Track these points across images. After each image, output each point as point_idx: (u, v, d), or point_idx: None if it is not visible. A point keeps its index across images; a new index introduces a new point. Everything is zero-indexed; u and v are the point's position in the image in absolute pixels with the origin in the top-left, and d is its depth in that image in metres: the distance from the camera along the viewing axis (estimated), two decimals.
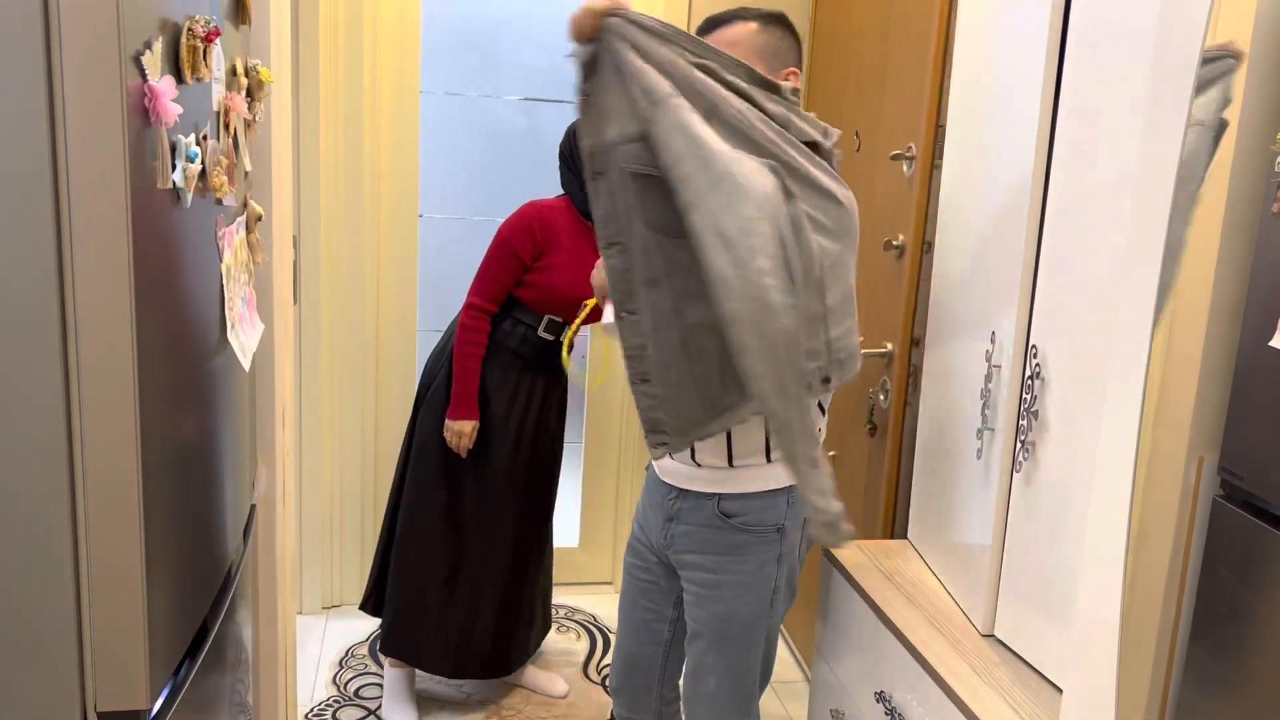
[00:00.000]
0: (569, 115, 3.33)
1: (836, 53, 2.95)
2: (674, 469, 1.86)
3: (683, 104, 1.54)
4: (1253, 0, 1.18)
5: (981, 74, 1.95)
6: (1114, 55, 1.53)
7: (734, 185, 1.49)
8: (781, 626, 3.29)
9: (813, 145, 1.63)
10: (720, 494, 1.80)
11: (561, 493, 3.58)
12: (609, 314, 1.75)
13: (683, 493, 1.85)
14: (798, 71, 1.78)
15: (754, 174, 1.52)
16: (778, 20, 1.79)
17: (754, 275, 1.47)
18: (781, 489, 1.80)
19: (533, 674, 2.96)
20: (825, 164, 1.62)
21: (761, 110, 1.59)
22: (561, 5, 3.28)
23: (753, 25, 1.76)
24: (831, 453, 2.22)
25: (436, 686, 2.90)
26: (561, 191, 2.67)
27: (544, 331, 2.62)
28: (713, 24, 1.79)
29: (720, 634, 1.84)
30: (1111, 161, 1.53)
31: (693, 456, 1.81)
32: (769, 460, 1.78)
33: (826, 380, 1.63)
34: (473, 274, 2.61)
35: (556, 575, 3.60)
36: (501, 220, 2.60)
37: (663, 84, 1.54)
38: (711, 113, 1.55)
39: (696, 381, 1.66)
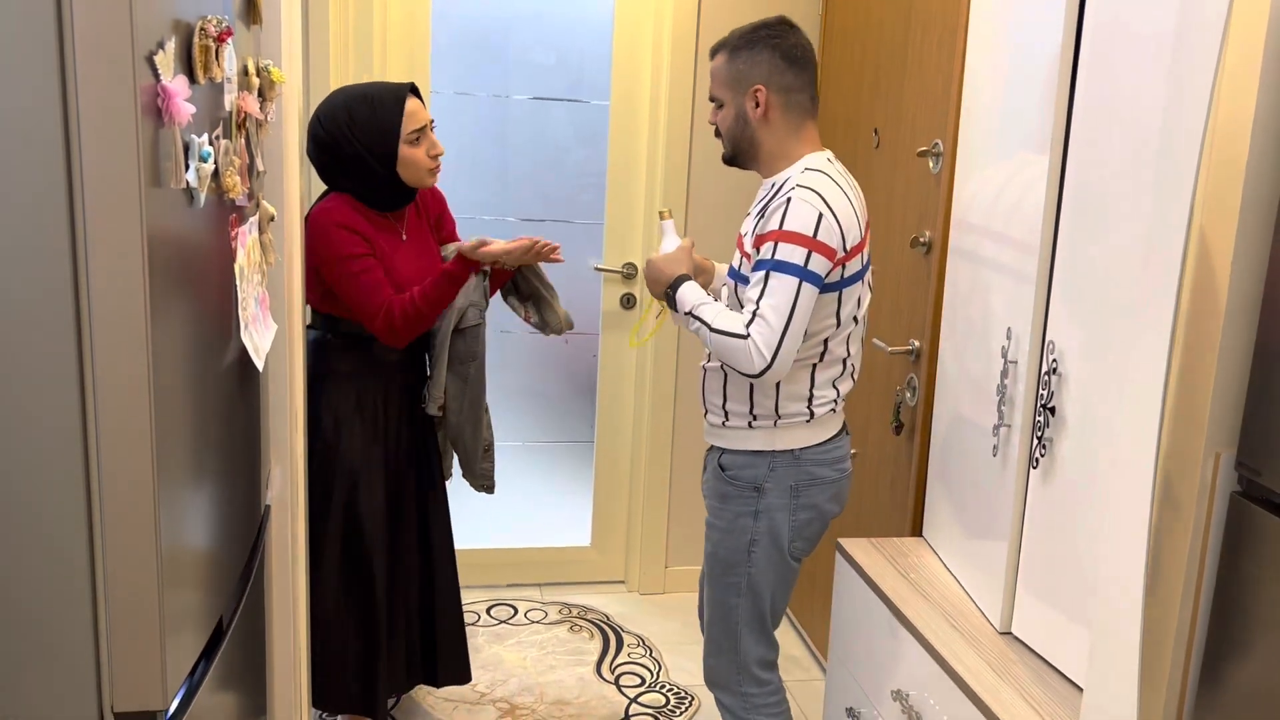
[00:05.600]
0: (578, 114, 3.33)
1: (851, 49, 2.93)
2: (706, 426, 2.17)
3: None
4: None
5: (996, 70, 1.94)
6: (1129, 54, 1.52)
7: None
8: (798, 623, 3.28)
9: None
10: (722, 449, 2.08)
11: (573, 491, 3.60)
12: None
13: (711, 446, 2.15)
14: (763, 88, 1.94)
15: None
16: (746, 43, 1.96)
17: None
18: (764, 452, 2.02)
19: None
20: None
21: None
22: (571, 4, 3.28)
23: (719, 58, 2.00)
24: (854, 451, 2.25)
25: (451, 689, 2.90)
26: (325, 188, 2.44)
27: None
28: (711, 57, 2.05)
29: (709, 570, 2.12)
30: (1129, 155, 1.52)
31: (705, 415, 2.12)
32: (751, 426, 2.02)
33: None
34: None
35: (569, 574, 3.60)
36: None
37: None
38: None
39: None
